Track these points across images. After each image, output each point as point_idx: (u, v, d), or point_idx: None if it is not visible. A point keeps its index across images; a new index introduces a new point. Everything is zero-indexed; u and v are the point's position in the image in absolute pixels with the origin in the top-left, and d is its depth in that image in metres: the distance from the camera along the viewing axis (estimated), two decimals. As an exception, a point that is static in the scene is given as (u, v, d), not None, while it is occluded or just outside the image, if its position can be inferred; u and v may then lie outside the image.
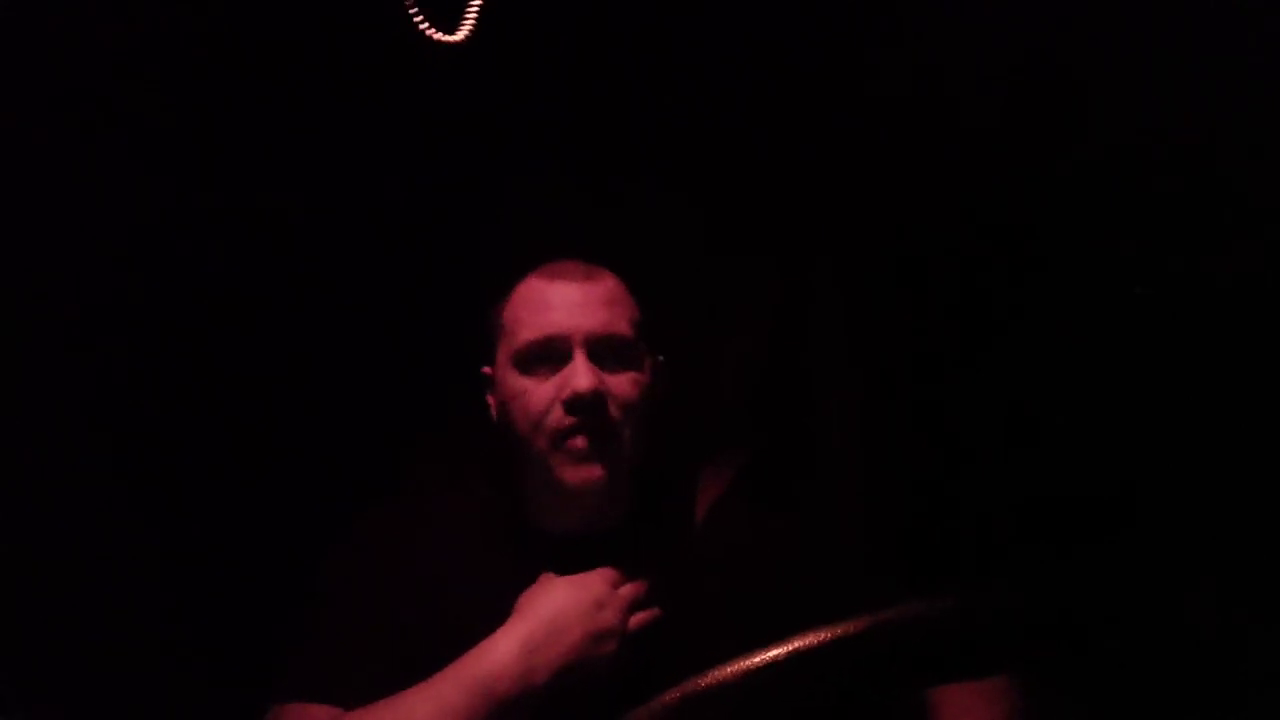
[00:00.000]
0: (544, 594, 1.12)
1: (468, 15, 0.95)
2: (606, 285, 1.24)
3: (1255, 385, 1.32)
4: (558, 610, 1.10)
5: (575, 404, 1.17)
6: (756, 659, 0.81)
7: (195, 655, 1.36)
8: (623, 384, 1.20)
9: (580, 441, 1.17)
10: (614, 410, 1.19)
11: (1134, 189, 1.38)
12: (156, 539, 1.39)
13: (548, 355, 1.20)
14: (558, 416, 1.18)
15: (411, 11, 0.96)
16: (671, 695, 0.82)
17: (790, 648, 0.80)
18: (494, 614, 1.12)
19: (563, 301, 1.21)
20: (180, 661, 1.35)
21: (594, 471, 1.18)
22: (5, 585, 1.27)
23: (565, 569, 1.15)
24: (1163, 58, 1.31)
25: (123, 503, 1.39)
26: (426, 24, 0.93)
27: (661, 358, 1.29)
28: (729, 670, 0.79)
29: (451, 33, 0.96)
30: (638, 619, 1.13)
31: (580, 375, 1.17)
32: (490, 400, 1.27)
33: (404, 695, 1.08)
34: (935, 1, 1.47)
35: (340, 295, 1.51)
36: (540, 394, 1.19)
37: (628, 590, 1.14)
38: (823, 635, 0.80)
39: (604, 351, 1.20)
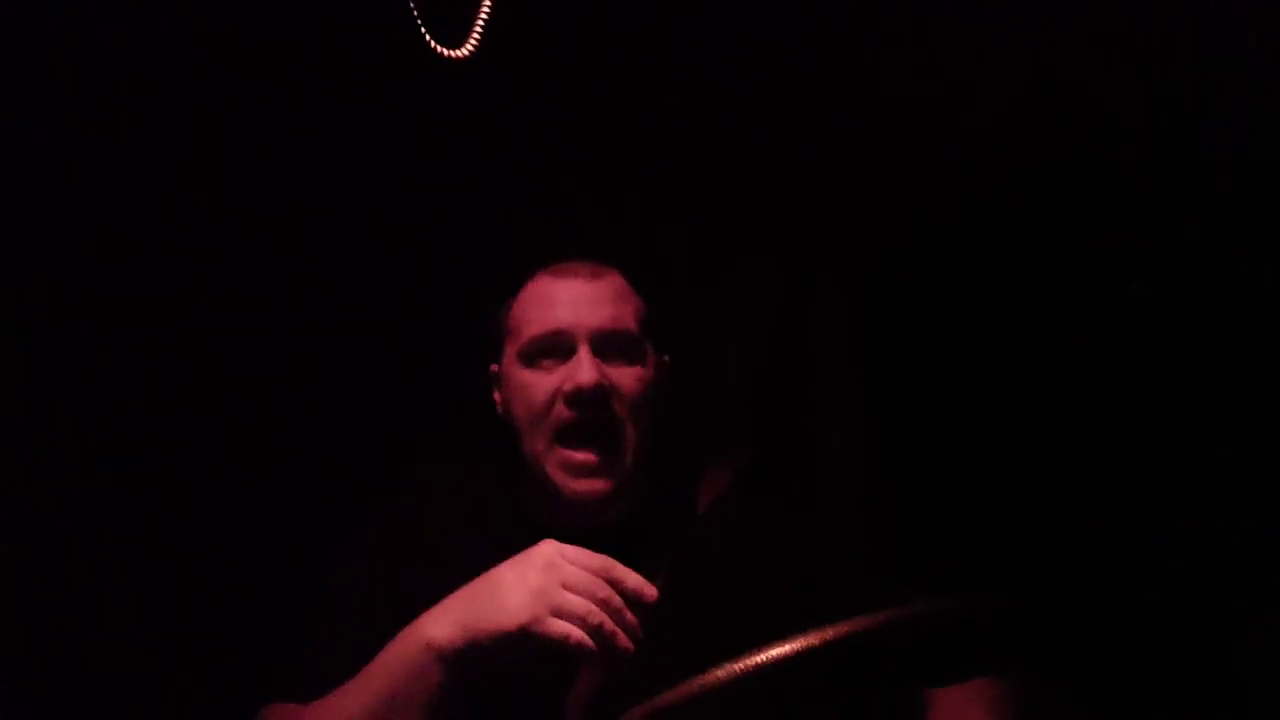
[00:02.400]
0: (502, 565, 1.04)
1: (475, 31, 0.95)
2: (613, 282, 1.25)
3: (1255, 384, 1.32)
4: (504, 571, 1.02)
5: (577, 397, 1.18)
6: (755, 659, 0.81)
7: (195, 655, 1.36)
8: (627, 379, 1.21)
9: (581, 453, 1.18)
10: (617, 405, 1.20)
11: (1136, 190, 1.38)
12: (157, 539, 1.39)
13: (553, 349, 1.21)
14: (560, 410, 1.19)
15: (420, 28, 0.96)
16: (670, 695, 0.82)
17: (788, 648, 0.80)
18: None
19: (569, 298, 1.22)
20: (179, 661, 1.35)
21: (594, 485, 1.19)
22: (4, 586, 1.27)
23: None
24: (1164, 57, 1.31)
25: (123, 502, 1.39)
26: (433, 39, 0.93)
27: (667, 356, 1.29)
28: (727, 670, 0.79)
29: (457, 47, 0.96)
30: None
31: (583, 369, 1.18)
32: (496, 397, 1.29)
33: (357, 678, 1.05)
34: (937, 2, 1.47)
35: (344, 296, 1.51)
36: (543, 387, 1.20)
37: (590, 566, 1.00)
38: (819, 636, 0.80)
39: (608, 347, 1.21)
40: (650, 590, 1.00)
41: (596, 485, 1.19)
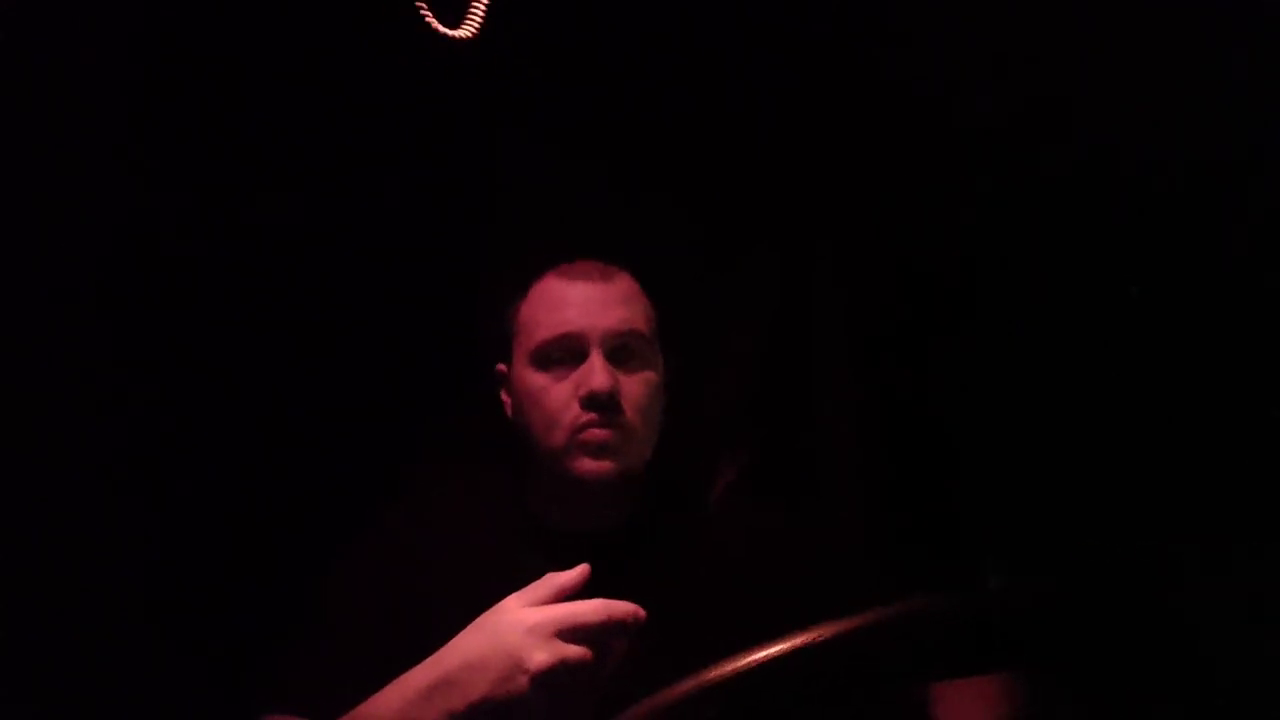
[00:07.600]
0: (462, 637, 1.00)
1: (473, 11, 0.95)
2: (623, 284, 1.25)
3: (1252, 384, 1.33)
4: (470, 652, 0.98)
5: (592, 402, 1.18)
6: (755, 656, 0.80)
7: (194, 662, 1.35)
8: (637, 385, 1.21)
9: (597, 435, 1.18)
10: (628, 410, 1.20)
11: (1135, 189, 1.39)
12: (158, 542, 1.39)
13: (565, 353, 1.20)
14: (575, 413, 1.19)
15: (420, 7, 0.96)
16: (669, 694, 0.82)
17: (790, 644, 0.80)
18: None
19: (580, 300, 1.22)
20: (178, 668, 1.34)
21: (607, 465, 1.19)
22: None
23: (571, 566, 1.14)
24: (1163, 58, 1.32)
25: (127, 501, 1.38)
26: (432, 18, 0.93)
27: (673, 358, 1.29)
28: (724, 669, 0.79)
29: (455, 28, 0.96)
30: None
31: (597, 374, 1.18)
32: (505, 398, 1.28)
33: None
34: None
35: (346, 295, 1.50)
36: (558, 391, 1.20)
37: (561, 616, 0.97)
38: (822, 632, 0.79)
39: (620, 350, 1.21)
40: (635, 613, 0.98)
41: (607, 465, 1.19)
